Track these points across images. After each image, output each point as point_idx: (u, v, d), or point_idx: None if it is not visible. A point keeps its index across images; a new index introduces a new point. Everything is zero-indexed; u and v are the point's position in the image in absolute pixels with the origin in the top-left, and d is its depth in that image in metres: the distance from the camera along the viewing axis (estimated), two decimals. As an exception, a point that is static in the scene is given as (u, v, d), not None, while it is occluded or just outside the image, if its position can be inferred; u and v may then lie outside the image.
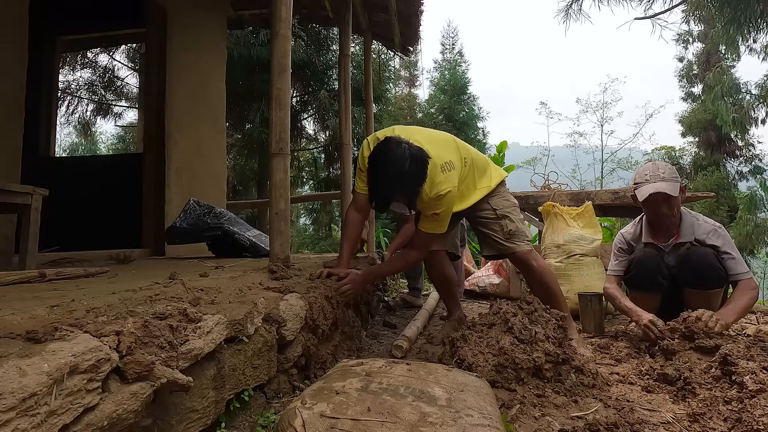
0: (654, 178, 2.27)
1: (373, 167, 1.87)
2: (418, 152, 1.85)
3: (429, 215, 2.04)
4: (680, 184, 2.29)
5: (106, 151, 19.57)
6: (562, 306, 2.19)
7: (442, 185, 1.96)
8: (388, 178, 1.80)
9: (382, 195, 1.86)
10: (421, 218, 2.11)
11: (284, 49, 2.15)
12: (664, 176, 2.26)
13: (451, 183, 1.99)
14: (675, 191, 2.22)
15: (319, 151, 11.61)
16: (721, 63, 14.96)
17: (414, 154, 1.83)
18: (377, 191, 1.87)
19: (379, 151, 1.87)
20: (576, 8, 7.15)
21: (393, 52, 5.59)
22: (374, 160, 1.87)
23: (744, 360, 1.63)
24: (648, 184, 2.27)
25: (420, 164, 1.84)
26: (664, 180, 2.25)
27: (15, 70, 3.05)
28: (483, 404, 1.23)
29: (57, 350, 0.79)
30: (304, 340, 1.68)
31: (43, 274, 1.76)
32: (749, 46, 11.82)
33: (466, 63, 19.00)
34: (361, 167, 2.07)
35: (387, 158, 1.82)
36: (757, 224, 13.21)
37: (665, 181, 2.24)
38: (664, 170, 2.29)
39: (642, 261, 2.36)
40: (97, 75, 10.37)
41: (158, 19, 4.17)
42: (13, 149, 3.03)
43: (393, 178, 1.80)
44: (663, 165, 2.33)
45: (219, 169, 5.02)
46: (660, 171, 2.29)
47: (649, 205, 2.29)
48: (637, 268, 2.38)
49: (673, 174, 2.28)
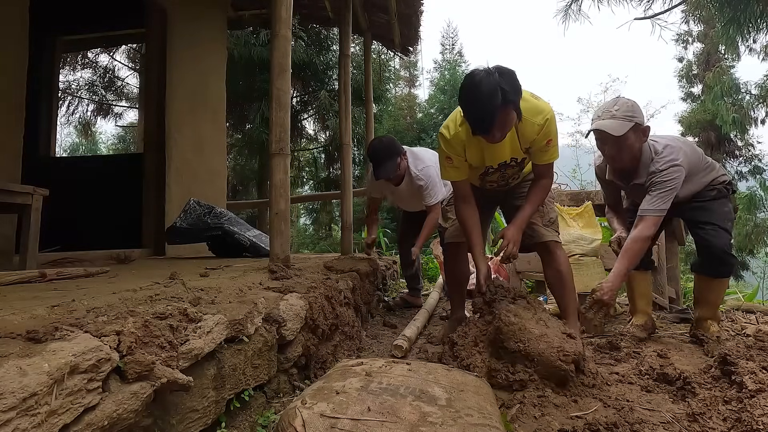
0: (604, 114, 2.06)
1: (465, 96, 1.80)
2: (500, 66, 1.79)
3: (543, 146, 1.95)
4: (637, 124, 2.06)
5: (107, 151, 19.57)
6: (572, 300, 2.21)
7: (544, 109, 1.91)
8: (485, 94, 1.71)
9: (485, 112, 1.74)
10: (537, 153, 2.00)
11: (284, 49, 2.15)
12: (614, 114, 2.04)
13: (549, 106, 1.94)
14: (619, 131, 2.01)
15: (319, 151, 11.62)
16: (720, 63, 14.95)
17: (498, 67, 1.78)
18: (479, 115, 1.77)
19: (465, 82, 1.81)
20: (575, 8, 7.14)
21: (393, 52, 5.60)
22: (464, 89, 1.81)
23: (744, 360, 1.63)
24: (599, 120, 2.08)
25: (509, 73, 1.78)
26: (614, 118, 2.03)
27: (15, 70, 3.05)
28: (483, 404, 1.23)
29: (57, 350, 0.79)
30: (304, 339, 1.68)
31: (44, 274, 1.77)
32: (749, 46, 11.81)
33: (466, 63, 19.04)
34: (449, 153, 2.03)
35: (475, 81, 1.75)
36: (757, 224, 13.20)
37: (614, 119, 2.03)
38: (619, 107, 2.06)
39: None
40: (98, 75, 10.38)
41: (158, 19, 4.18)
42: (13, 149, 3.04)
43: (489, 91, 1.71)
44: (623, 101, 2.08)
45: (219, 169, 5.03)
46: (614, 108, 2.06)
47: (598, 144, 2.11)
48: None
49: (628, 112, 2.04)
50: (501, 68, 1.79)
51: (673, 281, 3.58)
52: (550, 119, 1.91)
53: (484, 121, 1.76)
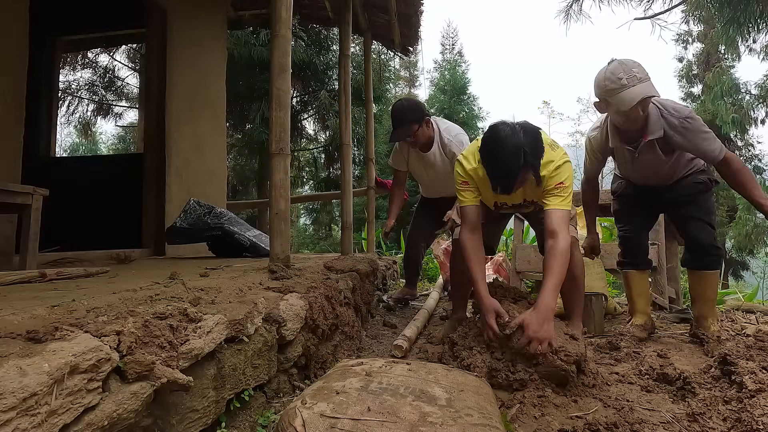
0: (632, 80, 1.97)
1: (487, 151, 1.83)
2: (526, 124, 1.84)
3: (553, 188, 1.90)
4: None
5: (107, 151, 19.58)
6: (579, 301, 2.22)
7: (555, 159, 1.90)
8: (508, 154, 1.74)
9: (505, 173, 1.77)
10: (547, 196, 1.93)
11: (284, 49, 2.15)
12: (640, 78, 1.97)
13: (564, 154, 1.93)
14: (657, 91, 1.98)
15: (319, 151, 11.62)
16: (720, 63, 14.97)
17: (524, 125, 1.82)
18: (500, 172, 1.79)
19: (489, 136, 1.83)
20: (576, 8, 7.16)
21: (393, 53, 5.60)
22: (487, 144, 1.83)
23: (743, 360, 1.63)
24: (629, 88, 1.97)
25: (533, 133, 1.81)
26: (642, 81, 1.97)
27: (15, 70, 3.05)
28: (483, 404, 1.23)
29: (57, 350, 0.79)
30: (304, 339, 1.68)
31: (44, 274, 1.77)
32: (749, 47, 11.84)
33: (466, 63, 19.02)
34: (465, 179, 2.02)
35: (500, 137, 1.78)
36: (757, 224, 13.20)
37: (643, 82, 1.97)
38: (637, 69, 1.99)
39: (626, 240, 2.48)
40: (98, 75, 10.38)
41: (158, 19, 4.18)
42: (13, 149, 3.03)
43: (512, 152, 1.74)
44: (632, 63, 2.02)
45: (219, 169, 5.02)
46: (635, 71, 1.98)
47: (631, 112, 2.02)
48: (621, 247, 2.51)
49: (645, 71, 2.01)
50: (526, 127, 1.81)
51: (673, 281, 3.57)
52: (561, 166, 1.90)
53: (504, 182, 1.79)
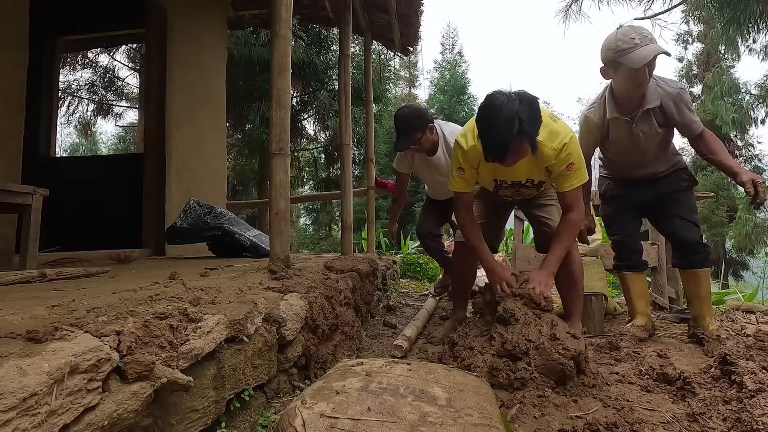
0: (644, 40, 1.95)
1: (482, 119, 1.76)
2: (523, 93, 1.75)
3: (563, 170, 1.89)
4: None
5: (107, 151, 19.58)
6: (578, 300, 2.22)
7: (561, 132, 1.86)
8: (503, 121, 1.67)
9: (498, 140, 1.71)
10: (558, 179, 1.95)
11: (284, 49, 2.15)
12: (651, 38, 1.97)
13: (568, 128, 1.89)
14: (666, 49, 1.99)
15: (319, 151, 11.61)
16: (720, 63, 14.98)
17: (521, 93, 1.74)
18: (493, 141, 1.73)
19: (485, 104, 1.76)
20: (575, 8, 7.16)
21: (393, 52, 5.59)
22: (482, 111, 1.76)
23: (743, 360, 1.63)
24: (642, 47, 1.95)
25: (530, 102, 1.73)
26: (653, 41, 1.96)
27: (15, 70, 3.05)
28: (483, 404, 1.23)
29: (57, 350, 0.79)
30: (304, 339, 1.68)
31: (44, 274, 1.77)
32: (749, 47, 11.84)
33: (466, 63, 19.06)
34: (462, 165, 2.01)
35: (495, 104, 1.70)
36: (756, 224, 13.22)
37: (654, 42, 1.97)
38: (647, 32, 1.99)
39: (620, 244, 2.49)
40: (98, 75, 10.38)
41: (158, 19, 4.18)
42: (13, 149, 3.03)
43: (506, 119, 1.66)
44: (639, 29, 2.02)
45: (219, 169, 5.02)
46: (645, 32, 1.98)
47: (641, 72, 1.99)
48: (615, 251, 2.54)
49: (650, 34, 2.01)
50: (523, 96, 1.74)
51: (673, 281, 3.57)
52: (569, 143, 1.86)
53: (496, 149, 1.74)
